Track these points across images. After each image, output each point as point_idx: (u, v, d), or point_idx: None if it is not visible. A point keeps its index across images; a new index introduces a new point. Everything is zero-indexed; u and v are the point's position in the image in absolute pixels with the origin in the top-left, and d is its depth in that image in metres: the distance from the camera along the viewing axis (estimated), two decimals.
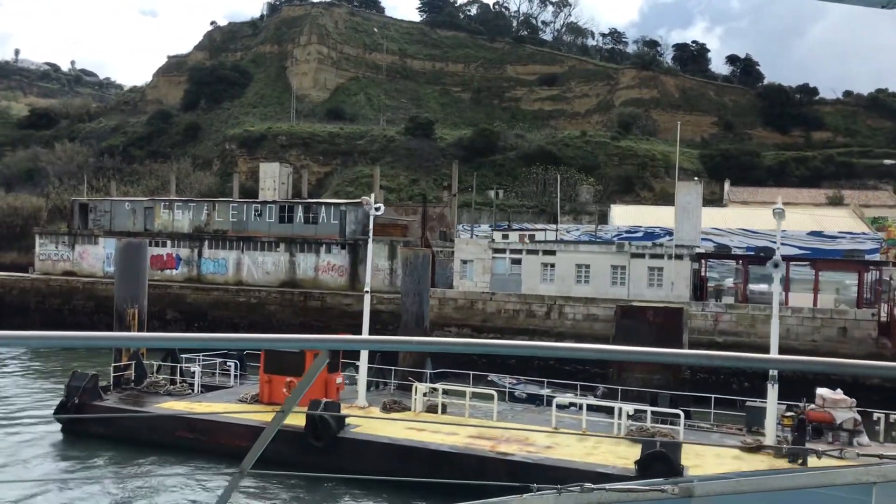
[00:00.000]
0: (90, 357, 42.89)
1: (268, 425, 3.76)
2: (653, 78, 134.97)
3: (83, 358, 44.04)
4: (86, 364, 41.64)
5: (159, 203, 62.03)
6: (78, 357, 43.48)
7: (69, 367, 42.42)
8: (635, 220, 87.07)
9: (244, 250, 56.45)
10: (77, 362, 39.51)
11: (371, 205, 29.95)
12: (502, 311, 46.69)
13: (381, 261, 52.88)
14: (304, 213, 57.69)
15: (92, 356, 42.80)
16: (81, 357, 43.81)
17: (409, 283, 34.12)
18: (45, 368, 42.74)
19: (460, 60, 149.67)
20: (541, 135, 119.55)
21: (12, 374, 40.80)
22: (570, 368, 44.36)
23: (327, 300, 51.38)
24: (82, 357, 43.73)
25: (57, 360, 44.88)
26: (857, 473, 4.14)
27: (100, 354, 41.69)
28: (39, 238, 62.84)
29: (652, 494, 4.57)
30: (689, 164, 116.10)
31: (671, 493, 4.50)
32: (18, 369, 42.24)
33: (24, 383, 36.64)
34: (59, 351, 46.20)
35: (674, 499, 4.51)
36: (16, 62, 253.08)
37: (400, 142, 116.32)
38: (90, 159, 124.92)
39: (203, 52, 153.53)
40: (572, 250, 48.02)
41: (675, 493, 4.50)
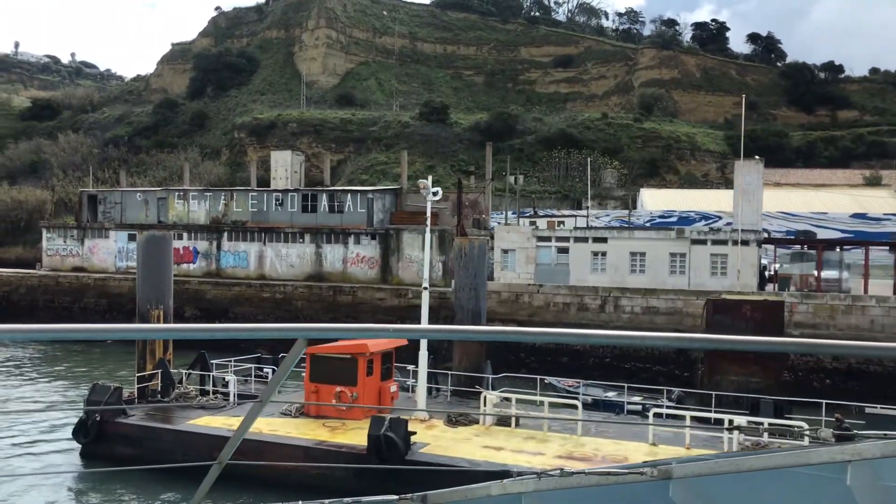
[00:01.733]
0: (110, 364, 39.44)
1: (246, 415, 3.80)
2: (673, 58, 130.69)
3: (101, 364, 40.56)
4: (106, 371, 38.06)
5: (173, 193, 58.32)
6: (97, 364, 39.93)
7: (81, 372, 38.85)
8: (666, 204, 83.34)
9: (266, 242, 52.76)
10: (98, 372, 35.94)
11: (428, 189, 26.21)
12: (551, 304, 43.01)
13: (413, 252, 49.22)
14: (329, 201, 53.97)
15: (113, 364, 39.30)
16: (100, 364, 40.28)
17: (464, 277, 30.41)
18: (60, 379, 39.11)
19: (472, 43, 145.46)
20: (560, 118, 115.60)
21: (23, 384, 37.18)
22: (629, 366, 40.77)
23: (358, 294, 47.72)
24: (101, 364, 40.19)
25: (73, 368, 41.26)
26: (832, 452, 4.13)
27: (122, 362, 38.16)
28: (46, 232, 59.20)
29: (631, 477, 4.65)
30: (714, 146, 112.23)
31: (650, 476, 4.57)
32: (30, 380, 38.61)
33: (37, 396, 33.02)
34: (76, 360, 42.64)
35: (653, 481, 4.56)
36: (15, 55, 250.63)
37: (415, 127, 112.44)
38: (95, 150, 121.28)
39: (208, 38, 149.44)
40: (626, 237, 44.26)
41: (654, 475, 4.57)
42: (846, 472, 4.09)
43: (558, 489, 5.00)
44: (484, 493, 5.35)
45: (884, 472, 4.11)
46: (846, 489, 4.13)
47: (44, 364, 42.99)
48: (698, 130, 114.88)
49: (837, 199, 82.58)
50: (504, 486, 5.23)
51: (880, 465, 4.10)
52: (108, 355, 43.70)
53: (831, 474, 4.17)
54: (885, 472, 4.11)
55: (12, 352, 46.50)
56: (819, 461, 4.21)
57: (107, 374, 37.54)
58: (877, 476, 4.12)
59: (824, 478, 4.24)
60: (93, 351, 46.43)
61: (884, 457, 4.05)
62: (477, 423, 25.27)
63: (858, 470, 4.07)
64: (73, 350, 46.74)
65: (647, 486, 4.70)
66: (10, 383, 36.44)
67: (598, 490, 4.89)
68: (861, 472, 4.08)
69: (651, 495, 4.72)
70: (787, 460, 4.34)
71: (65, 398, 33.84)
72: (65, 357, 45.02)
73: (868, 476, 4.09)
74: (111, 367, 39.64)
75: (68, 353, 46.15)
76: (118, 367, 38.08)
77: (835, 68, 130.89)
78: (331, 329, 3.14)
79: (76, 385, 36.54)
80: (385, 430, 21.72)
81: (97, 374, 36.45)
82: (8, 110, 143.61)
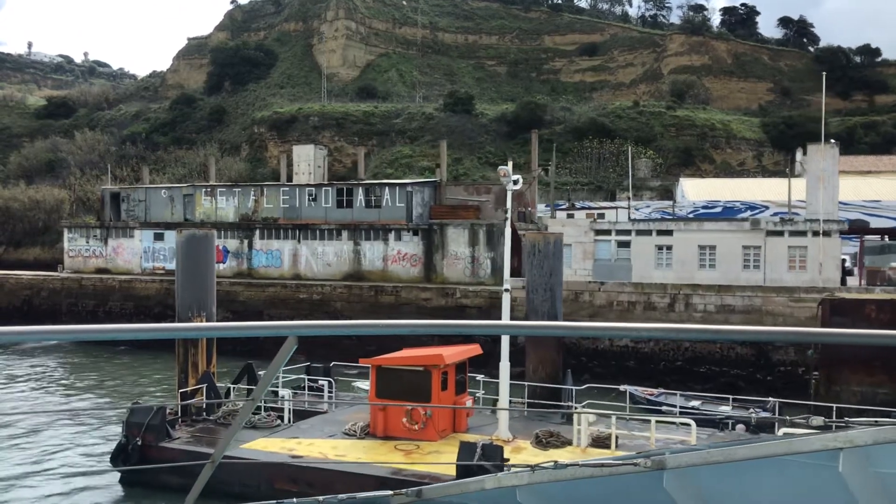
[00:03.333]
0: (146, 376, 36.54)
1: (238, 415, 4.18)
2: (703, 44, 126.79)
3: (135, 375, 37.62)
4: (143, 386, 35.13)
5: (200, 189, 55.33)
6: (135, 378, 36.97)
7: (113, 387, 35.92)
8: (709, 194, 79.75)
9: (301, 240, 49.69)
10: (137, 388, 32.96)
11: (509, 176, 22.96)
12: (614, 303, 39.71)
13: (459, 248, 46.05)
14: (366, 195, 50.81)
15: (153, 376, 36.35)
16: (133, 375, 37.35)
17: (538, 276, 27.18)
18: (91, 394, 36.14)
19: (494, 32, 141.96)
20: (589, 107, 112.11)
21: (52, 398, 34.26)
22: (704, 370, 37.47)
23: (401, 294, 44.58)
24: (135, 375, 37.26)
25: (104, 382, 38.30)
26: (825, 440, 4.17)
27: (162, 376, 35.22)
28: (68, 232, 56.35)
29: (625, 469, 4.71)
30: (750, 134, 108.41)
31: (644, 467, 4.61)
32: (60, 393, 35.70)
33: (68, 416, 30.04)
34: (113, 373, 39.68)
35: (646, 472, 4.59)
36: (29, 55, 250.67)
37: (439, 119, 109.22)
38: (112, 148, 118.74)
39: (224, 32, 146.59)
40: (694, 229, 40.88)
41: (647, 466, 4.60)
42: (838, 460, 4.09)
43: (552, 481, 4.98)
44: (478, 486, 5.35)
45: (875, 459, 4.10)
46: (838, 476, 4.11)
47: (73, 377, 40.10)
48: (733, 118, 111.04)
49: (888, 185, 78.73)
50: (499, 479, 5.28)
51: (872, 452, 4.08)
52: (142, 367, 40.77)
53: (824, 462, 4.16)
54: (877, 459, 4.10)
55: (39, 362, 43.70)
56: (811, 449, 4.21)
57: (139, 386, 34.62)
58: (869, 463, 4.11)
59: (817, 465, 4.24)
60: (123, 362, 43.55)
61: (875, 443, 4.02)
62: (570, 445, 22.06)
63: (850, 457, 4.08)
64: (102, 361, 43.87)
65: (641, 477, 4.64)
66: (37, 400, 33.51)
67: (593, 482, 4.86)
68: (853, 459, 4.09)
69: (645, 486, 4.68)
70: (780, 449, 4.33)
71: (101, 418, 30.71)
72: (92, 367, 42.16)
73: (860, 463, 4.10)
74: (148, 381, 36.72)
75: (96, 365, 43.30)
76: (156, 382, 35.17)
77: (871, 52, 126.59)
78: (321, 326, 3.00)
79: (111, 401, 33.59)
80: (479, 459, 18.54)
81: (134, 391, 33.49)
82: (23, 109, 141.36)
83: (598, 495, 5.03)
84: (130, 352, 45.24)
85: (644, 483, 4.69)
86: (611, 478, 4.77)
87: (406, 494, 5.74)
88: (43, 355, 45.29)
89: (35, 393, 35.10)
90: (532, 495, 5.11)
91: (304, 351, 43.91)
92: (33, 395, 34.84)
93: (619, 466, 4.71)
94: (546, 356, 27.18)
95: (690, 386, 36.33)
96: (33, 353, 46.06)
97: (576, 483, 4.91)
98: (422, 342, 42.66)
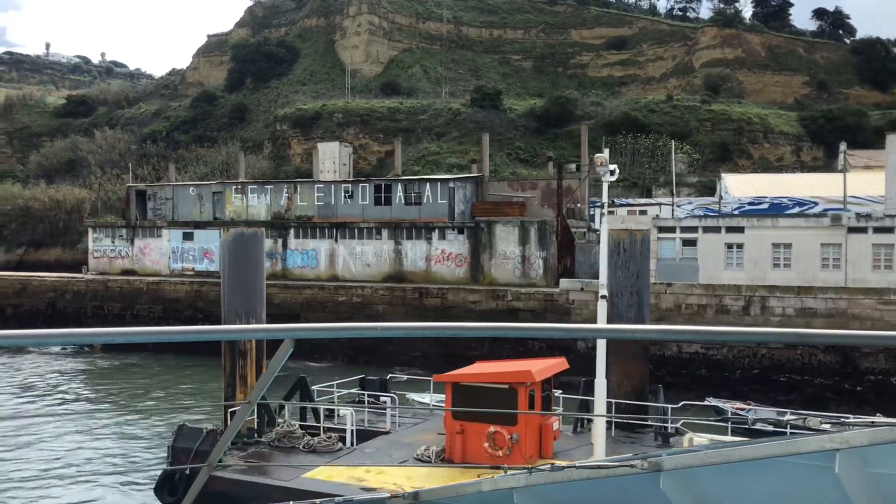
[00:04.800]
0: (185, 390, 33.95)
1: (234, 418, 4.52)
2: (736, 36, 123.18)
3: (173, 388, 35.00)
4: (179, 398, 32.51)
5: (230, 187, 52.76)
6: (172, 391, 34.37)
7: (154, 401, 33.34)
8: (754, 189, 76.44)
9: (338, 239, 47.01)
10: (175, 402, 30.35)
11: (606, 165, 20.10)
12: (682, 306, 36.76)
13: (508, 247, 43.21)
14: (405, 192, 48.08)
15: (199, 392, 33.73)
16: (171, 387, 34.74)
17: (623, 278, 24.31)
18: (131, 410, 33.56)
19: (520, 26, 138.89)
20: (621, 101, 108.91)
21: (81, 413, 31.71)
22: (784, 379, 34.44)
23: (448, 296, 41.82)
24: (176, 389, 34.65)
25: (139, 398, 35.74)
26: (821, 441, 4.19)
27: (195, 386, 32.65)
28: (93, 232, 53.94)
29: (622, 471, 4.68)
30: (787, 128, 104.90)
31: (640, 469, 4.58)
32: (91, 413, 33.14)
33: (105, 440, 27.41)
34: (148, 384, 37.14)
35: (643, 473, 4.58)
36: (47, 56, 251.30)
37: (466, 115, 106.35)
38: (132, 146, 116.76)
39: (245, 29, 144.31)
40: (768, 226, 37.84)
41: (644, 468, 4.58)
42: (834, 461, 4.11)
43: (549, 483, 5.00)
44: (475, 489, 5.38)
45: (872, 460, 4.12)
46: (835, 477, 4.13)
47: (102, 386, 37.58)
48: (770, 112, 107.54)
49: None
50: (495, 481, 5.26)
51: (868, 453, 4.09)
52: (179, 380, 38.19)
53: (820, 463, 4.18)
54: (874, 460, 4.12)
55: (60, 366, 41.26)
56: (808, 450, 4.23)
57: (176, 399, 32.03)
58: (865, 464, 4.13)
59: (813, 466, 4.25)
60: (156, 371, 41.03)
61: (872, 444, 4.03)
62: None
63: (847, 458, 4.10)
64: (134, 368, 41.37)
65: (638, 479, 4.66)
66: (64, 416, 30.95)
67: (589, 483, 4.88)
68: (849, 460, 4.10)
69: (642, 488, 4.69)
70: (776, 450, 4.34)
71: (143, 444, 27.96)
72: (121, 375, 39.67)
73: (856, 464, 4.11)
74: (184, 393, 34.14)
75: (126, 372, 40.80)
76: (192, 394, 32.57)
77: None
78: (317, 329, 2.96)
79: (147, 416, 30.99)
80: None
81: (170, 405, 30.88)
82: (43, 108, 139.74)
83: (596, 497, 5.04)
84: (160, 358, 42.76)
85: (641, 485, 4.67)
86: (607, 479, 4.78)
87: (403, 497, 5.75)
88: (66, 359, 42.88)
89: (60, 406, 32.59)
90: (529, 497, 5.13)
91: (345, 359, 41.21)
92: (59, 408, 32.33)
93: (615, 468, 4.73)
94: (631, 368, 24.34)
95: (772, 397, 33.40)
96: (55, 357, 43.68)
97: (573, 485, 4.92)
98: (470, 350, 39.82)
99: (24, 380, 38.29)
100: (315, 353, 42.36)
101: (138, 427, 28.95)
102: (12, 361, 42.74)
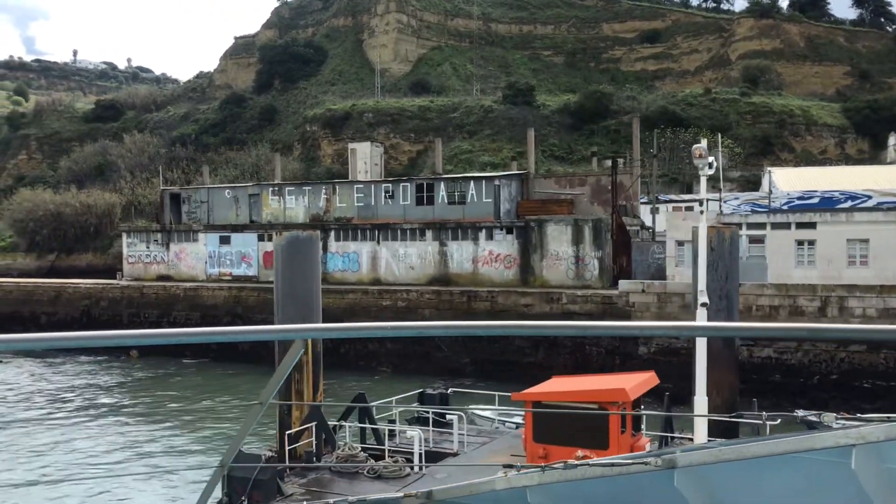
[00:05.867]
0: (228, 403, 32.22)
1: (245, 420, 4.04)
2: (773, 27, 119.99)
3: (223, 408, 33.26)
4: (228, 413, 30.83)
5: (266, 189, 51.15)
6: (222, 411, 32.64)
7: (197, 416, 31.69)
8: (803, 183, 73.59)
9: (380, 241, 45.21)
10: (225, 418, 28.67)
11: (705, 157, 18.02)
12: (753, 307, 34.47)
13: (561, 247, 41.14)
14: (448, 191, 46.15)
15: (243, 404, 31.98)
16: (225, 411, 33.01)
17: (711, 281, 22.18)
18: (172, 427, 31.97)
19: (550, 21, 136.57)
20: (658, 95, 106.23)
21: (123, 438, 30.12)
22: (868, 385, 32.06)
23: (498, 300, 39.84)
24: (226, 411, 32.91)
25: (183, 417, 34.11)
26: (837, 437, 4.17)
27: (235, 398, 30.94)
28: (127, 237, 52.61)
29: (635, 468, 4.72)
30: (831, 120, 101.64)
31: (655, 466, 4.61)
32: (129, 434, 31.56)
33: (150, 471, 25.73)
34: (194, 399, 35.55)
35: (657, 471, 4.59)
36: (74, 63, 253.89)
37: (499, 112, 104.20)
38: (161, 150, 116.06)
39: (272, 30, 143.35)
40: (842, 221, 35.44)
41: (658, 465, 4.60)
42: (851, 456, 4.01)
43: (562, 481, 4.95)
44: (489, 487, 5.45)
45: (888, 455, 4.00)
46: (851, 473, 4.02)
47: (147, 404, 36.04)
48: (812, 104, 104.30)
49: None
50: (509, 479, 5.35)
51: (885, 448, 3.98)
52: (223, 388, 36.59)
53: (836, 459, 4.09)
54: (890, 455, 3.99)
55: (106, 378, 39.83)
56: (823, 446, 4.14)
57: (218, 412, 30.29)
58: (881, 459, 4.02)
59: (829, 462, 4.14)
60: (199, 385, 39.47)
61: (888, 440, 3.93)
62: None
63: (863, 453, 4.00)
64: (176, 385, 39.83)
65: (652, 476, 4.59)
66: (103, 437, 29.37)
67: (603, 481, 4.85)
68: (866, 455, 4.01)
69: (656, 485, 4.60)
70: (792, 446, 4.28)
71: (192, 475, 26.10)
72: (160, 383, 38.13)
73: (872, 459, 4.02)
74: (231, 408, 32.45)
75: (164, 382, 39.26)
76: (235, 408, 30.83)
77: None
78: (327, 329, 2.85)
79: (199, 444, 29.30)
80: None
81: (219, 420, 29.23)
82: (72, 113, 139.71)
83: (609, 495, 4.84)
84: (201, 366, 41.21)
85: (655, 482, 4.53)
86: (621, 477, 4.63)
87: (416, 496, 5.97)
88: (101, 366, 41.44)
89: (95, 424, 31.04)
90: (542, 495, 5.03)
91: (391, 367, 39.34)
92: (94, 425, 30.76)
93: (629, 465, 4.62)
94: (722, 379, 22.25)
95: (855, 405, 30.99)
96: (89, 364, 42.27)
97: (586, 483, 4.78)
98: (524, 356, 37.82)
99: (61, 387, 36.93)
100: (359, 361, 40.67)
101: (182, 441, 27.30)
102: (48, 370, 41.47)
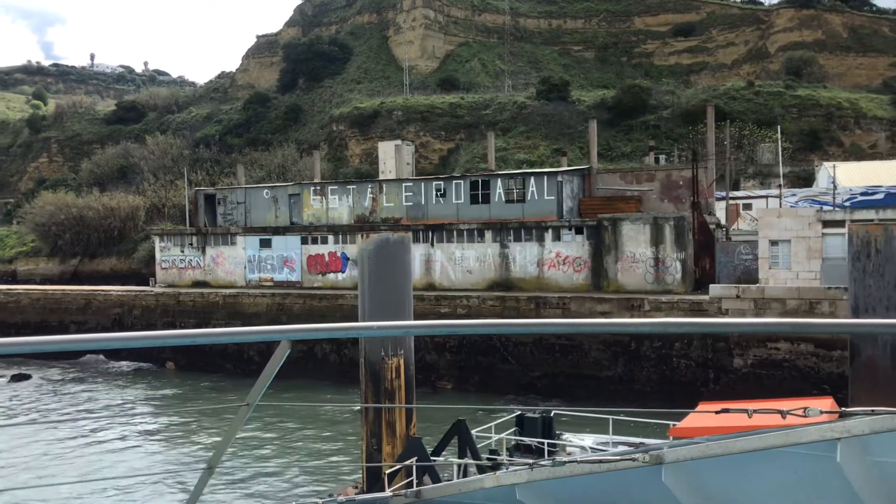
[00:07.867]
0: (306, 437, 29.04)
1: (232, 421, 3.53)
2: (815, 17, 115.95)
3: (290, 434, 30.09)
4: (295, 443, 27.68)
5: (308, 188, 47.94)
6: (316, 441, 29.56)
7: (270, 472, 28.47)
8: (864, 179, 69.80)
9: (434, 243, 41.88)
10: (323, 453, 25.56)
11: None
12: None
13: (638, 248, 37.64)
14: (505, 188, 42.77)
15: (333, 444, 28.88)
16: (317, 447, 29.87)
17: (876, 288, 18.71)
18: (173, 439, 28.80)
19: (580, 16, 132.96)
20: (698, 89, 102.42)
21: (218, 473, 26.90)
22: None
23: (570, 306, 36.36)
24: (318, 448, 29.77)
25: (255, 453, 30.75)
26: (822, 431, 4.17)
27: (289, 419, 27.81)
28: (160, 241, 49.53)
29: (623, 464, 4.70)
30: (881, 112, 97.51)
31: (642, 462, 4.59)
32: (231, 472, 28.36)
33: None
34: (283, 431, 32.35)
35: (645, 467, 4.59)
36: (92, 67, 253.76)
37: (533, 108, 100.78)
38: (185, 151, 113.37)
39: (295, 28, 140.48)
40: None
41: (646, 461, 4.58)
42: (836, 450, 4.07)
43: (551, 479, 5.01)
44: (478, 485, 5.59)
45: (873, 448, 4.06)
46: (836, 466, 4.09)
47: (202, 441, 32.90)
48: (860, 96, 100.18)
49: None
50: (497, 477, 5.44)
51: (869, 441, 4.03)
52: (286, 419, 33.39)
53: (821, 452, 4.13)
54: (875, 448, 4.05)
55: (144, 391, 36.72)
56: (809, 440, 4.16)
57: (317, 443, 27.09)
58: (867, 452, 4.08)
59: (815, 456, 4.19)
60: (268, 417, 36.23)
61: (873, 433, 3.94)
62: None
63: (848, 447, 4.05)
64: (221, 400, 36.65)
65: (640, 473, 4.60)
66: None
67: (592, 478, 4.87)
68: (851, 448, 4.06)
69: (644, 481, 4.63)
70: (778, 440, 4.25)
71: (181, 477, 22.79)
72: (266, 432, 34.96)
73: (857, 452, 4.07)
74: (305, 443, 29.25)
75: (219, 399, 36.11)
76: (294, 433, 27.64)
77: None
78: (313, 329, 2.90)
79: None
80: None
81: (299, 461, 26.01)
82: (93, 115, 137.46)
83: (598, 491, 4.91)
84: (238, 379, 37.96)
85: (643, 478, 4.53)
86: (609, 473, 4.64)
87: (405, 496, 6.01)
88: (136, 376, 38.32)
89: (88, 429, 27.85)
90: (532, 493, 5.08)
91: (453, 380, 36.15)
92: (87, 429, 27.59)
93: (617, 462, 4.57)
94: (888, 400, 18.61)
95: None
96: (124, 375, 39.18)
97: (575, 479, 4.81)
98: (602, 369, 34.55)
99: (71, 392, 33.85)
100: (417, 374, 37.19)
101: (169, 444, 24.04)
102: (84, 384, 38.46)
